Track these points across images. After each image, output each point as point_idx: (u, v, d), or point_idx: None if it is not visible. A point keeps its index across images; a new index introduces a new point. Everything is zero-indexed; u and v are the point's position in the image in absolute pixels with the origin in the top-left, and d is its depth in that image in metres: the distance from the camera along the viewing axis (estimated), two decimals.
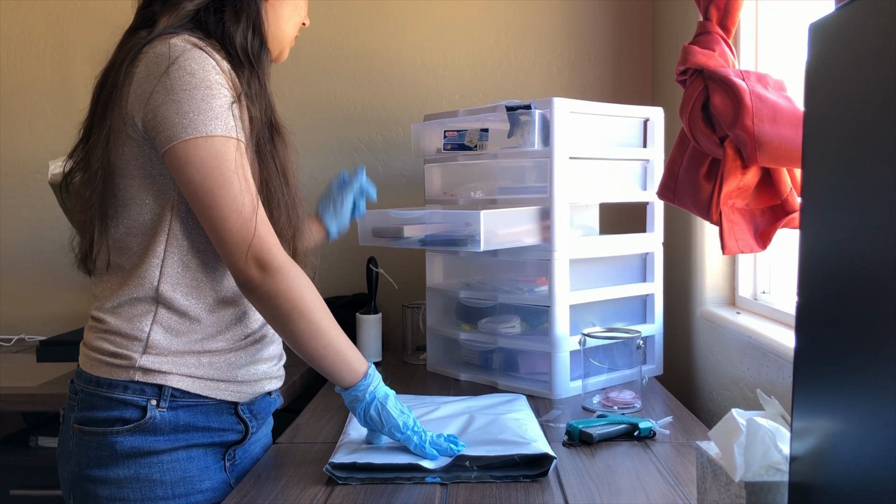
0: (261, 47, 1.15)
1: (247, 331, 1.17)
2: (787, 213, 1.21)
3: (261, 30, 1.15)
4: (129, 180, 1.09)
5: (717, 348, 1.62)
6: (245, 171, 1.06)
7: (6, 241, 2.28)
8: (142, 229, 1.10)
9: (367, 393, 1.15)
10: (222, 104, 1.04)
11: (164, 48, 1.04)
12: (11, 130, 2.28)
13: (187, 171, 1.04)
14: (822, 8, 1.16)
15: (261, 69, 1.14)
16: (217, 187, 1.04)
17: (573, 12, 2.19)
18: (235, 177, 1.04)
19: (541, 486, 1.09)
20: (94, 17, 2.24)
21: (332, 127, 2.23)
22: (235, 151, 1.05)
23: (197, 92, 1.02)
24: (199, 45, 1.06)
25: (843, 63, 0.65)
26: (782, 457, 0.80)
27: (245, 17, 1.13)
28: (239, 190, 1.04)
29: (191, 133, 1.02)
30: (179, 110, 1.02)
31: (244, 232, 1.05)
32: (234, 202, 1.04)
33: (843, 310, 0.64)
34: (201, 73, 1.03)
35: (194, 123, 1.02)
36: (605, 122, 1.69)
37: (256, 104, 1.12)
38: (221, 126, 1.04)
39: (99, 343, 1.11)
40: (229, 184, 1.04)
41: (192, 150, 1.03)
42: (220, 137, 1.04)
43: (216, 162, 1.03)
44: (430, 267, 1.84)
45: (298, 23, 1.26)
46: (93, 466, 1.09)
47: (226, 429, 1.16)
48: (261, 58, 1.15)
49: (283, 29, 1.22)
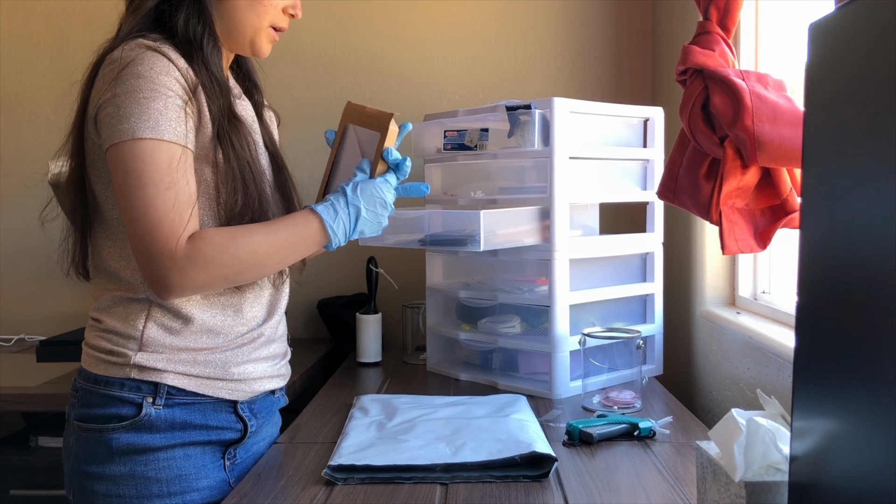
0: (203, 33, 1.11)
1: (242, 329, 1.17)
2: (787, 213, 1.21)
3: (204, 16, 1.12)
4: (102, 187, 1.10)
5: (717, 348, 1.62)
6: (175, 174, 1.03)
7: (6, 241, 2.28)
8: (119, 234, 1.11)
9: (341, 233, 1.15)
10: (161, 107, 1.02)
11: (118, 54, 1.04)
12: (11, 130, 2.28)
13: (114, 174, 1.03)
14: (822, 8, 1.16)
15: (204, 56, 1.11)
16: (131, 189, 1.02)
17: (573, 12, 2.19)
18: (154, 180, 1.01)
19: (541, 486, 1.09)
20: (94, 17, 2.24)
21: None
22: (167, 155, 1.02)
23: (137, 95, 1.01)
24: (154, 46, 1.05)
25: (843, 63, 0.65)
26: (782, 457, 0.80)
27: (188, 4, 1.11)
28: (153, 194, 1.01)
29: (121, 136, 1.01)
30: (116, 114, 1.02)
31: (150, 237, 1.02)
32: (146, 205, 1.01)
33: (843, 310, 0.64)
34: (148, 75, 1.02)
35: (126, 127, 1.01)
36: (605, 122, 1.69)
37: (212, 95, 1.10)
38: (151, 129, 1.01)
39: (97, 341, 1.12)
40: (143, 187, 1.01)
41: (118, 154, 1.02)
42: (149, 140, 1.01)
43: (138, 163, 1.01)
44: (430, 267, 1.84)
45: (266, 13, 1.17)
46: (90, 463, 1.10)
47: (224, 427, 1.16)
48: (203, 44, 1.11)
49: (242, 18, 1.16)
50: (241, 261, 1.07)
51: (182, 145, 1.04)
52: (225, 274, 1.07)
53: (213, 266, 1.05)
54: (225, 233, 1.07)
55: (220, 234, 1.07)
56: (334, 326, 2.15)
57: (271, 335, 1.23)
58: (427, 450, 1.18)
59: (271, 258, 1.11)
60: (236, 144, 1.12)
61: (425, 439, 1.23)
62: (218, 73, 1.12)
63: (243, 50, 1.20)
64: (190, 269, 1.03)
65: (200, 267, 1.04)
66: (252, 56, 1.22)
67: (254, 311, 1.19)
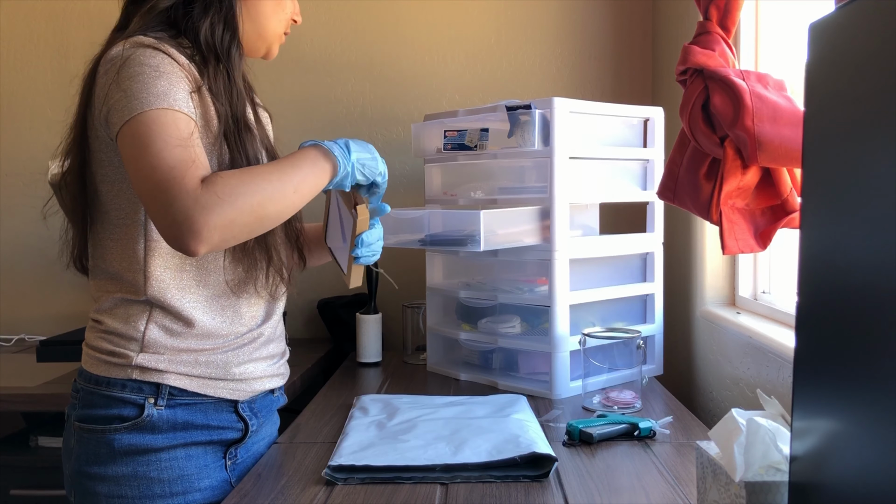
0: (231, 42, 1.13)
1: (242, 329, 1.18)
2: (787, 213, 1.21)
3: (233, 25, 1.13)
4: (108, 185, 1.10)
5: (717, 348, 1.62)
6: (183, 137, 1.00)
7: (6, 241, 2.28)
8: (121, 234, 1.11)
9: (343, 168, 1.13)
10: (167, 84, 1.02)
11: (119, 50, 1.04)
12: (11, 130, 2.28)
13: (125, 150, 1.01)
14: (822, 8, 1.16)
15: (229, 63, 1.12)
16: (141, 150, 0.99)
17: (573, 12, 2.19)
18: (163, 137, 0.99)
19: (541, 486, 1.09)
20: (94, 17, 2.23)
21: (333, 127, 2.23)
22: (174, 118, 1.00)
23: (142, 77, 1.01)
24: (153, 44, 1.05)
25: (843, 63, 0.65)
26: (782, 457, 0.80)
27: (214, 12, 1.12)
28: (163, 148, 0.98)
29: (130, 113, 1.00)
30: (124, 97, 1.01)
31: (165, 183, 0.97)
32: (157, 158, 0.98)
33: (843, 310, 0.64)
34: (150, 63, 1.02)
35: (134, 105, 1.00)
36: (605, 121, 1.69)
37: (222, 99, 1.10)
38: (158, 101, 1.00)
39: (98, 342, 1.12)
40: (153, 144, 0.98)
41: (128, 130, 1.00)
42: (157, 110, 1.00)
43: (145, 128, 0.99)
44: (430, 267, 1.84)
45: (285, 19, 1.23)
46: (92, 464, 1.10)
47: (225, 427, 1.17)
48: (230, 52, 1.13)
49: (267, 26, 1.20)
50: (261, 190, 1.03)
51: (188, 115, 1.03)
52: (250, 205, 1.01)
53: (236, 198, 0.99)
54: (236, 171, 1.04)
55: (231, 172, 1.04)
56: (334, 326, 2.15)
57: (271, 335, 1.23)
58: (427, 450, 1.18)
59: (286, 185, 1.06)
60: (243, 150, 1.12)
61: (425, 439, 1.23)
62: (239, 79, 1.14)
63: (258, 54, 1.23)
64: (215, 205, 0.97)
65: (224, 201, 0.98)
66: (264, 59, 1.25)
67: (252, 312, 1.19)
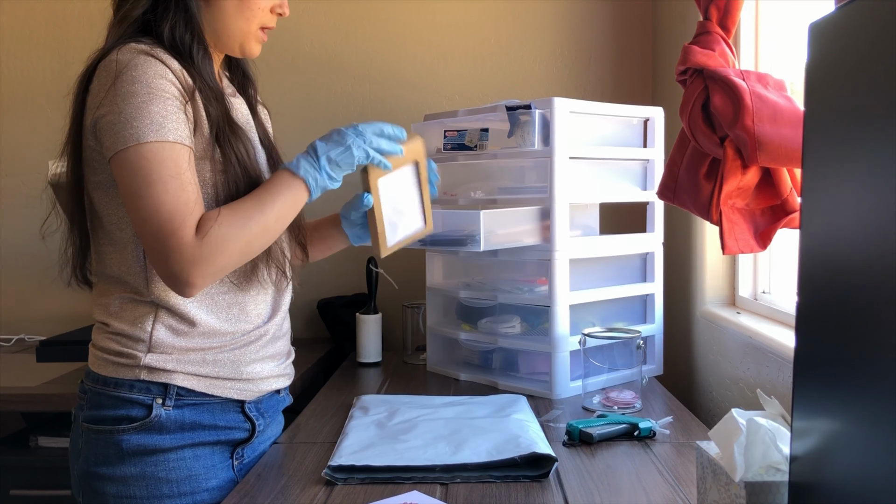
0: (192, 41, 1.11)
1: (248, 326, 1.18)
2: (787, 213, 1.21)
3: (192, 24, 1.12)
4: (101, 193, 1.11)
5: (717, 348, 1.62)
6: (180, 173, 1.03)
7: (6, 241, 2.28)
8: (118, 239, 1.11)
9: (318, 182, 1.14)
10: (161, 109, 1.02)
11: (113, 59, 1.04)
12: (11, 130, 2.28)
13: (121, 179, 1.03)
14: (822, 8, 1.16)
15: (195, 64, 1.11)
16: (139, 189, 1.01)
17: (573, 12, 2.19)
18: (161, 178, 1.01)
19: (541, 486, 1.09)
20: (94, 17, 2.22)
21: (332, 126, 2.20)
22: (171, 155, 1.02)
23: (136, 99, 1.01)
24: (147, 50, 1.05)
25: (843, 63, 0.65)
26: (782, 457, 0.80)
27: (174, 13, 1.11)
28: (161, 191, 1.01)
29: (125, 143, 1.01)
30: (118, 121, 1.02)
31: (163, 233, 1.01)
32: (155, 203, 1.01)
33: (843, 310, 0.64)
34: (144, 80, 1.02)
35: (129, 133, 1.01)
36: (605, 122, 1.69)
37: (209, 99, 1.10)
38: (154, 132, 1.01)
39: (106, 343, 1.13)
40: (151, 186, 1.01)
41: (124, 159, 1.02)
42: (154, 143, 1.01)
43: (144, 164, 1.01)
44: (430, 267, 1.84)
45: (256, 16, 1.16)
46: (100, 464, 1.10)
47: (233, 427, 1.17)
48: (192, 52, 1.11)
49: (231, 24, 1.15)
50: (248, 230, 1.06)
51: (184, 144, 1.05)
52: (239, 249, 1.06)
53: (227, 244, 1.04)
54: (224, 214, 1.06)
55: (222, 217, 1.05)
56: (334, 326, 2.15)
57: (276, 333, 1.23)
58: (427, 450, 1.18)
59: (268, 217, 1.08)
60: (234, 149, 1.12)
61: (425, 439, 1.23)
62: (210, 80, 1.13)
63: (233, 52, 1.20)
64: (208, 257, 1.02)
65: (217, 251, 1.03)
66: (242, 58, 1.23)
67: (258, 310, 1.20)
